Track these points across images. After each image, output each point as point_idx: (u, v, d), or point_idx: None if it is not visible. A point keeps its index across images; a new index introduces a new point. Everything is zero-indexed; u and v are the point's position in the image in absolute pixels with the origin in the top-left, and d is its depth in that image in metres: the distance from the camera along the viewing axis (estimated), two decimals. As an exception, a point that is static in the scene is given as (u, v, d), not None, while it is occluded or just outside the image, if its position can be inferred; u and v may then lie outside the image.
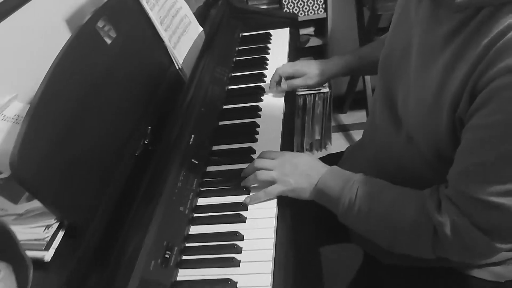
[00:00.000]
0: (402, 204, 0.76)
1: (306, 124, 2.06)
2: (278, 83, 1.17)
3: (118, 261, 0.69)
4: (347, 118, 2.35)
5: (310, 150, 2.17)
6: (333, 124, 2.21)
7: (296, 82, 1.15)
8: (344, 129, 2.31)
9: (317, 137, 2.13)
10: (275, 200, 0.87)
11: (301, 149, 2.15)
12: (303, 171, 0.87)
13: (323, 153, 2.16)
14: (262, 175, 0.87)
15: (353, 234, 0.98)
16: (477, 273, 0.84)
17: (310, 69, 1.15)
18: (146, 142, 0.88)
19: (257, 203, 0.87)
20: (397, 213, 0.76)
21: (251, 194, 0.88)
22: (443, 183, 0.74)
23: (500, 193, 0.63)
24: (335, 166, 0.88)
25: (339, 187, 0.82)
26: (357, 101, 2.24)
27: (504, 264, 0.83)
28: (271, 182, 0.87)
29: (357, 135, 2.24)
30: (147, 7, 1.03)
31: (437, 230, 0.71)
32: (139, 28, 1.01)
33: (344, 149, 1.13)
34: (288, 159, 0.89)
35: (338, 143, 2.20)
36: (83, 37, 0.83)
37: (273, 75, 1.18)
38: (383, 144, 0.89)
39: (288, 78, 1.16)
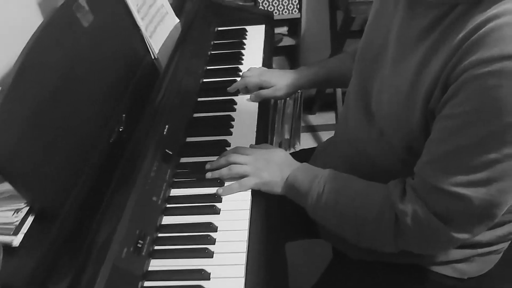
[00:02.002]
0: (367, 196, 0.78)
1: (276, 123, 2.07)
2: (243, 90, 1.16)
3: (89, 248, 0.67)
4: (316, 119, 2.38)
5: (279, 149, 2.18)
6: (302, 124, 2.23)
7: (264, 93, 1.13)
8: (313, 129, 2.33)
9: (286, 136, 2.14)
10: (250, 192, 0.87)
11: (270, 148, 2.15)
12: (276, 165, 0.89)
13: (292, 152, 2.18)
14: (237, 168, 0.88)
15: (322, 230, 1.00)
16: (441, 269, 0.87)
17: (279, 80, 1.13)
18: (120, 130, 0.86)
19: (231, 194, 0.87)
20: (362, 204, 0.78)
21: (225, 185, 0.88)
22: (411, 176, 0.76)
23: (462, 184, 0.66)
24: (305, 163, 0.90)
25: (308, 181, 0.84)
26: (327, 103, 2.27)
27: (467, 261, 0.86)
28: (245, 176, 0.88)
29: (326, 136, 2.26)
30: (125, -7, 1.01)
31: (399, 220, 0.73)
32: (116, 14, 0.99)
33: (316, 145, 1.14)
34: (262, 155, 0.91)
35: (306, 143, 2.22)
36: (59, 18, 0.80)
37: (239, 81, 1.16)
38: (355, 139, 0.91)
39: (255, 87, 1.15)
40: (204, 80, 1.21)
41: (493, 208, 0.66)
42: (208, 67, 1.26)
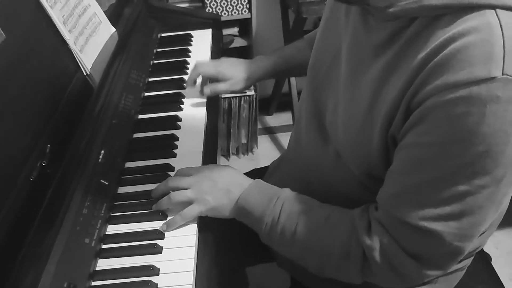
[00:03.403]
0: (331, 225, 0.71)
1: (231, 129, 1.99)
2: (192, 83, 1.08)
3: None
4: (273, 120, 2.32)
5: (237, 154, 2.11)
6: (259, 126, 2.16)
7: (221, 87, 1.06)
8: (270, 131, 2.27)
9: (244, 140, 2.07)
10: (195, 224, 0.79)
11: (227, 154, 2.08)
12: (223, 187, 0.79)
13: (250, 157, 2.11)
14: (176, 196, 0.78)
15: (277, 257, 0.93)
16: (406, 293, 0.82)
17: (236, 72, 1.05)
18: (43, 164, 0.76)
19: (175, 229, 0.78)
20: (325, 235, 0.71)
21: (168, 219, 0.79)
22: (373, 203, 0.70)
23: (432, 218, 0.60)
24: (259, 180, 0.81)
25: (262, 203, 0.75)
26: (283, 103, 2.21)
27: (431, 283, 0.81)
28: (188, 203, 0.78)
29: (283, 137, 2.21)
30: (46, 4, 0.90)
31: (366, 255, 0.67)
32: (37, 29, 0.88)
33: (271, 156, 1.07)
34: (206, 175, 0.80)
35: (264, 146, 2.16)
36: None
37: (192, 71, 1.08)
38: (309, 158, 0.83)
39: (210, 79, 1.08)
40: (146, 94, 1.12)
41: (465, 242, 0.61)
42: (150, 79, 1.16)
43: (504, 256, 1.68)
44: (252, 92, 1.91)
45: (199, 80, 1.10)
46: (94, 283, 0.70)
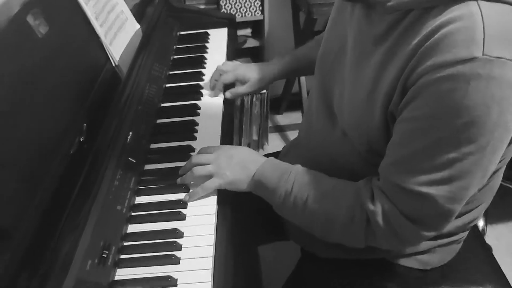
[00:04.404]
0: (338, 194, 0.80)
1: (243, 125, 2.08)
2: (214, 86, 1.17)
3: (52, 262, 0.66)
4: (284, 119, 2.40)
5: (248, 150, 2.19)
6: (270, 124, 2.24)
7: (240, 90, 1.15)
8: (280, 129, 2.35)
9: (255, 137, 2.15)
10: (215, 196, 0.88)
11: (239, 149, 2.16)
12: (239, 163, 0.87)
13: (261, 153, 2.19)
14: (198, 170, 0.87)
15: (290, 231, 1.01)
16: (405, 261, 0.90)
17: (252, 74, 1.15)
18: (81, 140, 0.85)
19: (197, 199, 0.87)
20: (333, 202, 0.79)
21: (190, 191, 0.88)
22: (376, 176, 0.78)
23: (425, 183, 0.68)
24: (272, 158, 0.89)
25: (276, 177, 0.84)
26: (293, 103, 2.29)
27: (429, 252, 0.89)
28: (209, 177, 0.87)
29: (293, 135, 2.26)
30: (82, 1, 1.00)
31: (369, 219, 0.75)
32: (73, 22, 0.98)
33: (280, 149, 1.16)
34: (224, 152, 0.89)
35: (274, 144, 2.24)
36: (12, 29, 0.79)
37: (216, 82, 1.15)
38: (318, 140, 0.92)
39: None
40: (167, 85, 1.21)
41: (455, 204, 0.69)
42: (171, 72, 1.26)
43: (504, 248, 1.74)
44: (263, 90, 2.00)
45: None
46: (125, 243, 0.79)
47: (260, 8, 1.96)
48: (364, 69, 0.77)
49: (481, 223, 1.26)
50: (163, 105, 1.13)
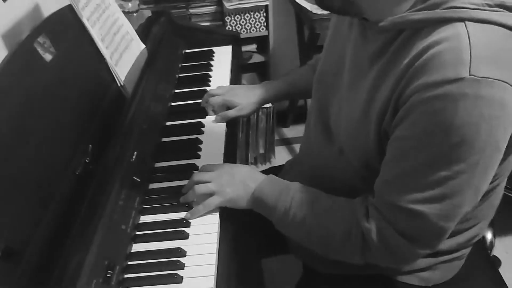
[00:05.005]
0: (335, 212, 0.81)
1: (250, 139, 2.10)
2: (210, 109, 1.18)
3: (58, 281, 0.68)
4: (290, 131, 2.42)
5: (255, 164, 2.21)
6: (276, 138, 2.26)
7: (230, 114, 1.15)
8: (287, 142, 2.36)
9: (261, 151, 2.17)
10: (217, 214, 0.89)
11: (245, 163, 2.18)
12: (240, 181, 0.89)
13: (267, 166, 2.20)
14: (200, 188, 0.89)
15: (292, 246, 1.02)
16: (406, 278, 0.90)
17: (242, 99, 1.16)
18: (87, 161, 0.87)
19: (198, 217, 0.88)
20: (330, 219, 0.81)
21: (192, 209, 0.90)
22: (371, 193, 0.79)
23: (419, 201, 0.69)
24: (272, 175, 0.91)
25: (275, 194, 0.85)
26: (299, 116, 2.30)
27: (431, 269, 0.90)
28: (210, 195, 0.89)
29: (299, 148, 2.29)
30: (88, 25, 1.03)
31: (365, 236, 0.76)
32: (79, 45, 1.01)
33: (283, 163, 1.17)
34: (226, 170, 0.92)
35: (281, 156, 2.25)
36: (21, 55, 0.82)
37: (204, 104, 1.17)
38: (317, 157, 0.94)
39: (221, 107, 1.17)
40: (173, 103, 1.23)
41: (448, 222, 0.70)
42: (176, 90, 1.28)
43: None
44: (269, 104, 2.02)
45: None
46: (130, 263, 0.81)
47: (265, 24, 1.99)
48: (359, 87, 0.78)
49: (489, 236, 1.25)
50: (168, 123, 1.16)
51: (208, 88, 1.28)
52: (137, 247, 0.84)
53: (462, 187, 0.67)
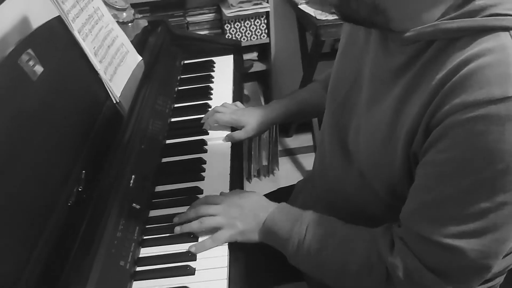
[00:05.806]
0: (353, 246, 0.73)
1: (252, 151, 2.02)
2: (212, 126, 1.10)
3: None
4: (293, 141, 2.34)
5: (258, 176, 2.13)
6: (279, 148, 2.18)
7: (237, 136, 1.07)
8: (290, 153, 2.29)
9: (265, 162, 2.08)
10: (226, 246, 0.80)
11: (248, 176, 2.09)
12: (250, 211, 0.82)
13: (271, 178, 2.12)
14: (208, 221, 0.81)
15: (304, 274, 0.94)
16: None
17: (249, 120, 1.08)
18: (80, 189, 0.79)
19: (205, 250, 0.80)
20: (348, 252, 0.73)
21: (199, 240, 0.81)
22: (396, 222, 0.71)
23: (454, 235, 0.61)
24: (284, 203, 0.84)
25: (288, 226, 0.78)
26: (302, 125, 2.23)
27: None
28: (218, 228, 0.81)
29: (304, 158, 2.22)
30: (79, 37, 0.94)
31: (389, 272, 0.68)
32: (70, 60, 0.93)
33: (292, 177, 1.09)
34: (234, 201, 0.84)
35: (285, 167, 2.18)
36: (3, 74, 0.73)
37: (210, 118, 1.09)
38: (333, 179, 0.85)
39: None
40: (172, 119, 1.15)
41: (490, 260, 0.61)
42: (175, 105, 1.20)
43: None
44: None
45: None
46: (130, 305, 0.72)
47: (266, 31, 1.92)
48: (382, 104, 0.70)
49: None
50: (168, 142, 1.07)
51: (209, 102, 1.20)
52: (138, 286, 0.75)
53: (506, 220, 0.58)
